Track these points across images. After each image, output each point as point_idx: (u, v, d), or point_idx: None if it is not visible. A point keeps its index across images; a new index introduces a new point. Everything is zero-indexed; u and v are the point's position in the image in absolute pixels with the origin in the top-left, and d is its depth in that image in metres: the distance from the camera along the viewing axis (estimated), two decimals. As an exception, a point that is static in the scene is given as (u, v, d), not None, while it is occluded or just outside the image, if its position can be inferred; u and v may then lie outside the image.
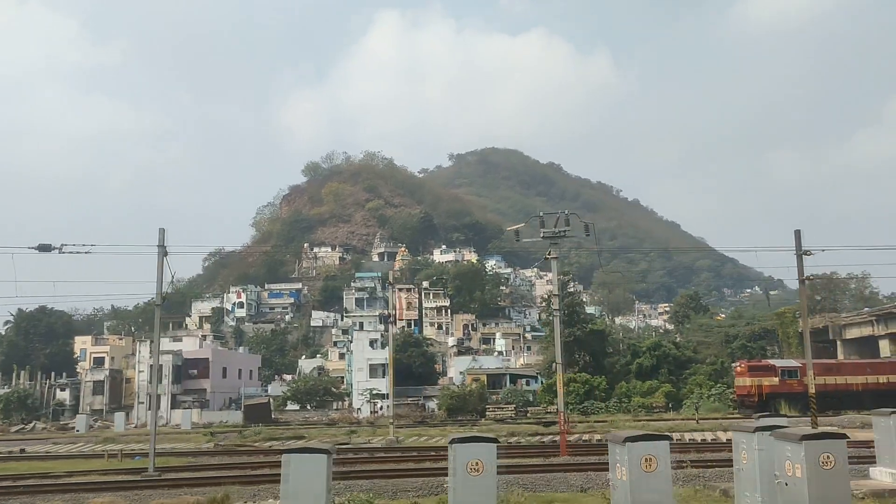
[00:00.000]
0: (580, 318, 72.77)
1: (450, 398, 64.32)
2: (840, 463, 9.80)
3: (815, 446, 9.77)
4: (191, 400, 68.10)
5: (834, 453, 9.78)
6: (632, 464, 9.87)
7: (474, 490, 9.73)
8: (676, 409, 61.86)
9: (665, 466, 9.86)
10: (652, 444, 9.95)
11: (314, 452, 9.71)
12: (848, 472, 10.07)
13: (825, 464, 9.71)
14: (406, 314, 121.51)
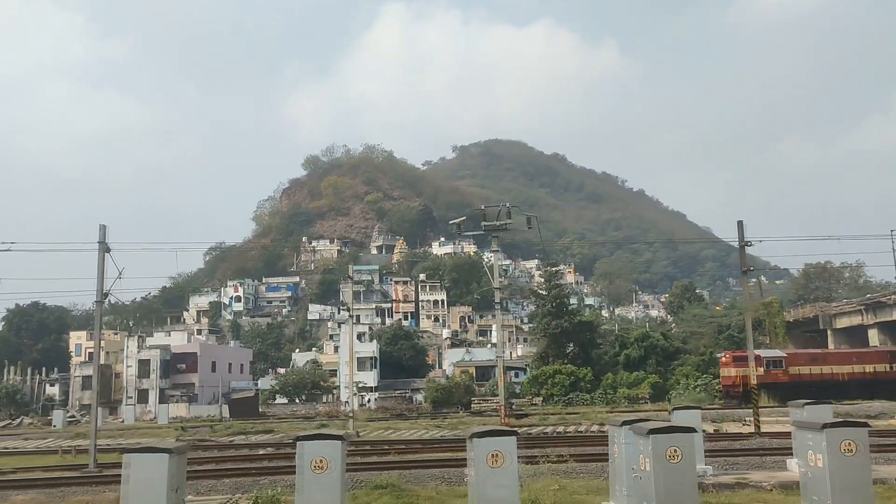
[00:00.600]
0: (567, 309, 72.61)
1: (435, 391, 64.37)
2: (687, 456, 9.68)
3: (661, 440, 9.66)
4: (179, 394, 68.39)
5: (681, 447, 9.66)
6: (478, 460, 9.81)
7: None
8: (662, 399, 61.78)
9: (511, 462, 9.77)
10: (498, 439, 9.87)
11: (156, 452, 9.62)
12: (695, 465, 9.97)
13: (672, 457, 9.60)
14: (402, 307, 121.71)
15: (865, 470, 10.17)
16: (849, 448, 9.93)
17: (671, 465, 9.60)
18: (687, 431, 9.91)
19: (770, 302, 69.90)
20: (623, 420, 11.23)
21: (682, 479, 9.63)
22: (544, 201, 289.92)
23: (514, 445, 9.89)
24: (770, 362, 58.15)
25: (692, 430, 10.12)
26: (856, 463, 9.92)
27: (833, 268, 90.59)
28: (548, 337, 72.58)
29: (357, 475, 18.34)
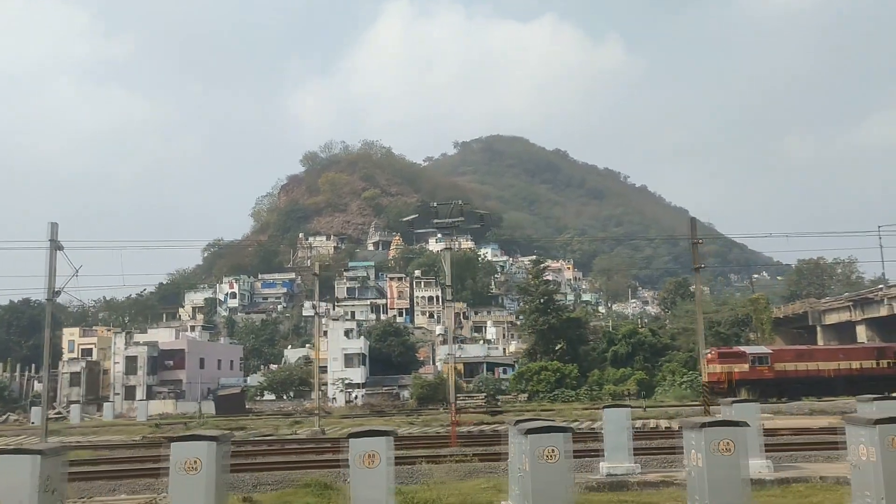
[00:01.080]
0: (555, 305, 72.53)
1: (420, 387, 64.45)
2: (562, 455, 9.63)
3: (537, 440, 9.62)
4: (166, 391, 68.51)
5: (557, 446, 9.61)
6: (353, 461, 9.75)
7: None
8: (649, 396, 61.72)
9: (385, 462, 9.69)
10: (373, 439, 9.78)
11: (25, 454, 9.48)
12: (571, 464, 9.91)
13: (548, 457, 9.55)
14: (398, 303, 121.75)
15: (741, 469, 10.07)
16: (726, 447, 9.83)
17: (547, 464, 9.55)
18: (562, 431, 9.83)
19: (757, 298, 69.75)
20: (517, 420, 11.17)
21: (557, 478, 9.57)
22: (545, 197, 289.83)
23: (389, 445, 9.79)
24: (755, 358, 57.98)
25: (569, 429, 10.04)
26: (731, 462, 9.82)
27: (826, 264, 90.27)
28: (536, 333, 72.62)
29: (278, 474, 18.38)
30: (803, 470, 16.41)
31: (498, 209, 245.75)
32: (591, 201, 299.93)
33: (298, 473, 18.48)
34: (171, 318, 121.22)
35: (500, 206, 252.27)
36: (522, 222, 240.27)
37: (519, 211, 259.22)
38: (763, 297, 71.75)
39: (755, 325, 67.77)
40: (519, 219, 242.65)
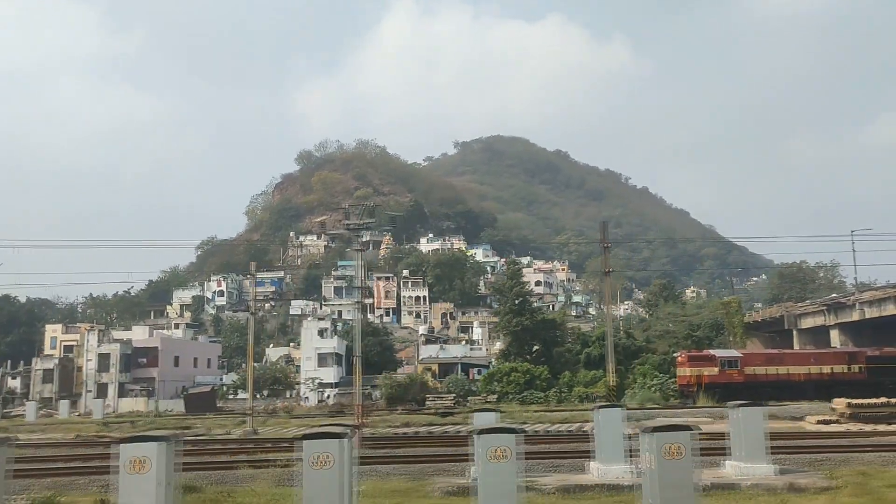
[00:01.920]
0: (530, 307, 72.45)
1: (389, 387, 64.38)
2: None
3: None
4: (138, 389, 68.64)
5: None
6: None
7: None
8: (619, 398, 61.53)
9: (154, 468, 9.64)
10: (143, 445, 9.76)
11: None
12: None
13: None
14: (385, 302, 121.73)
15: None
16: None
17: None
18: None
19: (729, 302, 69.54)
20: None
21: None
22: (544, 198, 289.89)
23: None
24: (725, 362, 57.86)
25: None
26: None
27: (808, 268, 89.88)
28: (510, 334, 72.60)
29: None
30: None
31: (495, 209, 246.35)
32: (590, 202, 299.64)
33: (217, 474, 18.36)
34: (158, 316, 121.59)
35: (497, 207, 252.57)
36: (520, 223, 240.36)
37: (517, 211, 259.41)
38: (735, 300, 71.55)
39: (727, 329, 67.55)
40: (516, 219, 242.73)
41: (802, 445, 21.45)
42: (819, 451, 19.74)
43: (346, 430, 10.44)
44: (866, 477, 15.57)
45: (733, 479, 15.57)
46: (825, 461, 18.28)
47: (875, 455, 18.85)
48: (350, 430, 12.40)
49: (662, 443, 10.11)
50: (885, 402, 31.91)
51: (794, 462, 18.32)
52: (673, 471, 10.05)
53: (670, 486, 10.03)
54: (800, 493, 14.40)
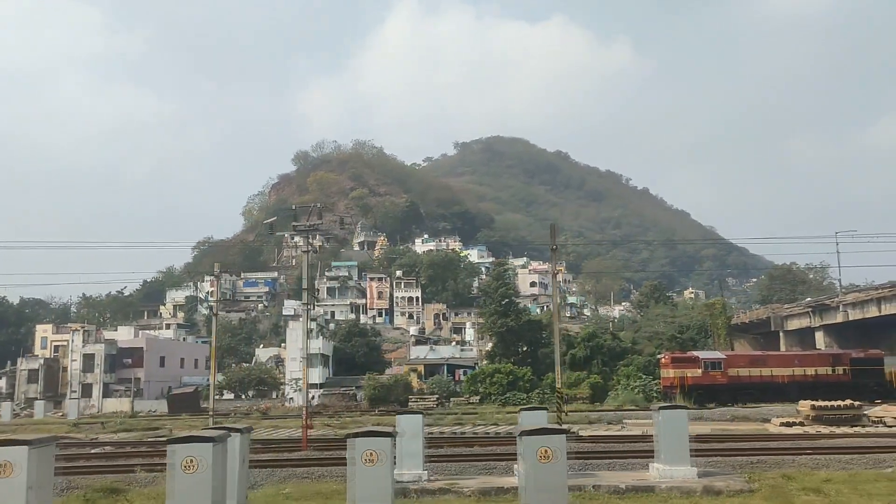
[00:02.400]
0: (515, 308, 72.38)
1: (372, 388, 64.35)
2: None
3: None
4: (123, 389, 68.71)
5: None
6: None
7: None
8: (602, 400, 61.57)
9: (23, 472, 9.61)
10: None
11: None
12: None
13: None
14: (377, 303, 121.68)
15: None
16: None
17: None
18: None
19: (713, 303, 69.40)
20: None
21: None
22: (543, 199, 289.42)
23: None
24: (709, 364, 57.87)
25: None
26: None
27: (798, 269, 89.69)
28: (496, 335, 72.60)
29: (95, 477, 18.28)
30: (591, 478, 16.24)
31: (494, 210, 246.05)
32: (589, 203, 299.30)
33: (114, 477, 18.37)
34: (152, 316, 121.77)
35: (496, 207, 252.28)
36: (518, 224, 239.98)
37: (516, 212, 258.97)
38: (719, 302, 71.41)
39: (711, 331, 67.42)
40: (514, 220, 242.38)
41: (745, 448, 21.41)
42: (760, 454, 19.69)
43: (222, 434, 10.43)
44: (788, 480, 15.51)
45: (653, 481, 15.54)
46: (759, 464, 18.24)
47: (811, 458, 18.80)
48: (242, 431, 12.41)
49: (536, 446, 10.10)
50: (848, 404, 31.80)
51: (729, 465, 18.29)
52: (546, 474, 10.04)
53: (544, 490, 10.01)
54: (714, 496, 14.36)
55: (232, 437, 11.20)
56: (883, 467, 17.39)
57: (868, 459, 18.42)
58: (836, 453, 19.47)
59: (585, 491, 15.09)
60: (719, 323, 66.55)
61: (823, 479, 15.47)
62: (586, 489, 15.19)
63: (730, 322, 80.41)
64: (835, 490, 14.26)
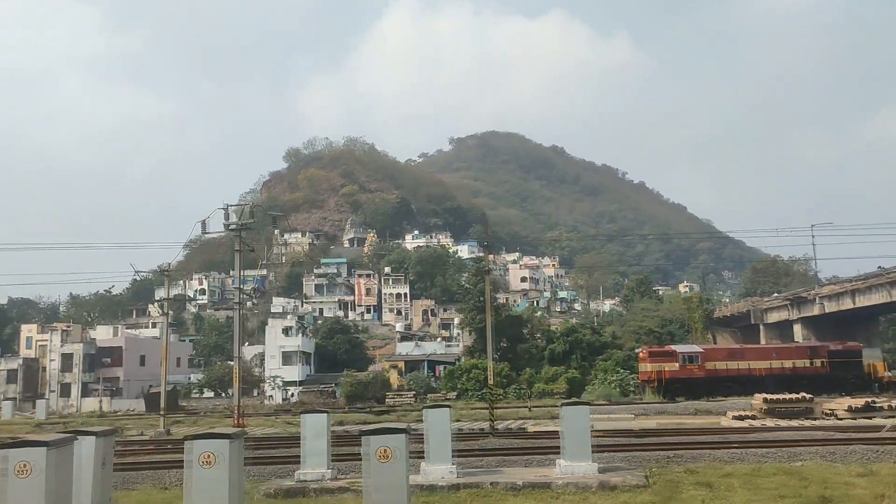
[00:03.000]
0: (495, 304, 72.17)
1: (349, 385, 64.38)
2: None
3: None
4: (101, 388, 68.68)
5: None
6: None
7: None
8: (579, 394, 61.62)
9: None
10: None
11: None
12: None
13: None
14: (366, 300, 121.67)
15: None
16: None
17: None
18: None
19: (690, 297, 69.30)
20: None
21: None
22: (538, 194, 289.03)
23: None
24: (686, 357, 57.96)
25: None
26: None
27: (782, 262, 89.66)
28: (476, 331, 72.57)
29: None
30: (495, 475, 16.16)
31: (488, 205, 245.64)
32: (585, 198, 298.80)
33: None
34: (141, 315, 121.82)
35: (490, 203, 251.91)
36: (512, 219, 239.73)
37: (510, 207, 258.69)
38: (696, 295, 71.36)
39: (689, 325, 67.34)
40: (508, 215, 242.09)
41: (671, 442, 21.31)
42: (679, 449, 19.62)
43: (64, 438, 10.33)
44: (690, 474, 15.44)
45: (554, 477, 15.48)
46: (675, 458, 18.15)
47: (728, 452, 18.69)
48: (100, 434, 12.31)
49: (376, 446, 10.01)
50: (800, 397, 31.74)
51: (642, 460, 18.21)
52: (385, 473, 9.94)
53: (383, 489, 9.92)
54: (608, 491, 14.31)
55: (82, 440, 11.09)
56: (795, 461, 17.33)
57: (784, 453, 18.34)
58: (754, 447, 19.41)
59: (482, 488, 15.00)
60: (696, 317, 66.44)
61: (724, 474, 15.39)
62: (483, 486, 15.10)
63: (711, 316, 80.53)
64: (726, 484, 14.21)
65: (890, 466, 16.29)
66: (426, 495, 14.68)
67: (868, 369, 61.41)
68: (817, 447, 19.12)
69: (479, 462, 18.23)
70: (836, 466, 16.58)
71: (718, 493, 13.49)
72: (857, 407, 30.40)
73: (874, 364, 63.88)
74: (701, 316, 67.08)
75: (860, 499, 12.81)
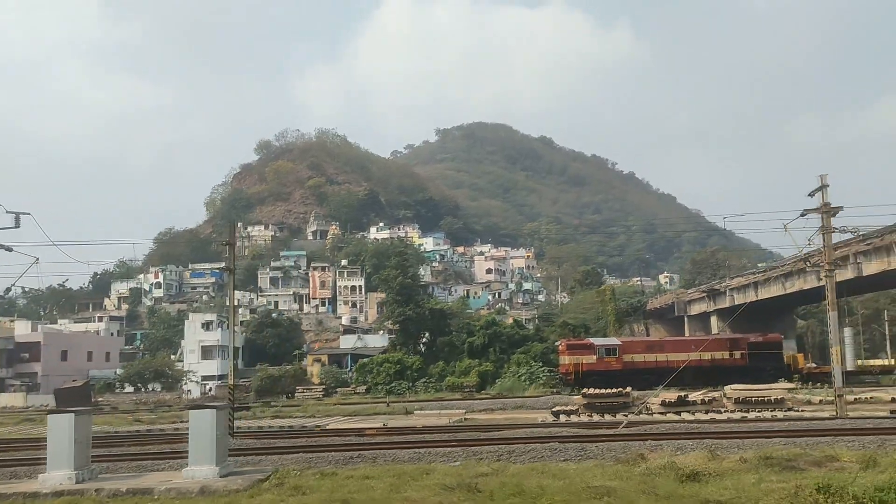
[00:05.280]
0: (416, 297, 71.86)
1: (259, 380, 64.14)
2: None
3: None
4: (18, 384, 68.54)
5: None
6: None
7: None
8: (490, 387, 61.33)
9: None
10: None
11: None
12: None
13: None
14: (320, 293, 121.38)
15: None
16: None
17: None
18: None
19: (603, 290, 68.77)
20: None
21: None
22: (522, 185, 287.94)
23: None
24: (604, 350, 57.91)
25: None
26: None
27: (723, 253, 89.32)
28: (397, 324, 72.24)
29: None
30: (125, 481, 15.73)
31: (469, 197, 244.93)
32: (570, 188, 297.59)
33: None
34: (97, 308, 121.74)
35: (471, 194, 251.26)
36: (492, 210, 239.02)
37: (493, 198, 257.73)
38: (608, 288, 70.78)
39: (602, 316, 66.90)
40: (489, 206, 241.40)
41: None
42: (363, 449, 19.17)
43: None
44: (323, 478, 15.07)
45: (166, 483, 15.08)
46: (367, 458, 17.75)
47: (494, 448, 18.14)
48: None
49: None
50: (617, 391, 31.29)
51: (319, 461, 17.83)
52: None
53: None
54: (206, 496, 13.89)
55: None
56: (506, 461, 16.90)
57: (503, 451, 17.80)
58: (473, 445, 18.88)
59: (86, 496, 14.59)
60: (609, 310, 65.95)
61: (362, 476, 15.06)
62: (88, 493, 14.69)
63: (644, 307, 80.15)
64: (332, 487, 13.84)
65: (576, 465, 15.88)
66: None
67: (789, 360, 61.16)
68: (535, 444, 18.60)
69: (134, 466, 17.87)
70: (512, 466, 16.12)
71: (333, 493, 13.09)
72: (671, 401, 29.96)
73: (795, 355, 63.62)
74: (613, 309, 66.60)
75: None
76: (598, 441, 18.88)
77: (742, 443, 17.64)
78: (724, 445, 17.37)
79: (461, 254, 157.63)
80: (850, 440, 17.60)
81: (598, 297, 67.84)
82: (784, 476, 13.71)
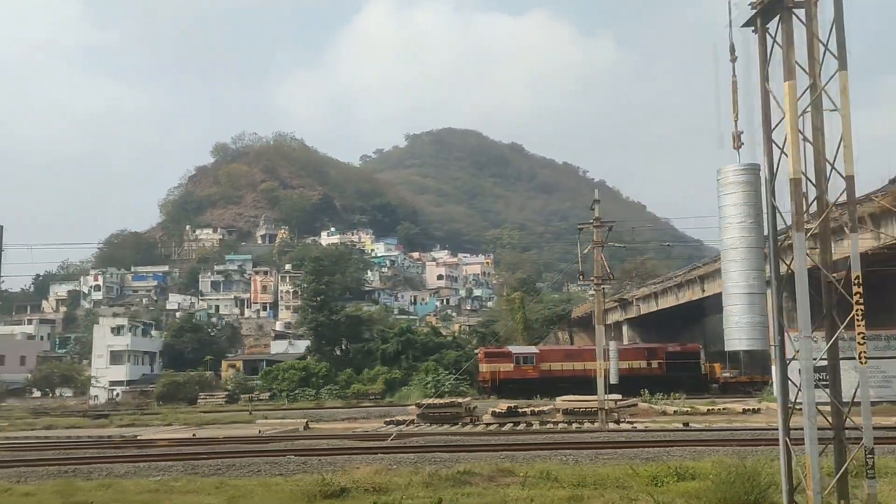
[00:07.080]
0: (330, 304, 71.06)
1: (162, 385, 63.16)
2: None
3: None
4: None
5: None
6: None
7: None
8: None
9: None
10: None
11: None
12: None
13: None
14: (262, 297, 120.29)
15: None
16: None
17: None
18: None
19: (514, 297, 68.42)
20: None
21: None
22: (490, 191, 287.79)
23: None
24: (521, 358, 57.87)
25: None
26: None
27: (648, 261, 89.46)
28: (312, 331, 71.59)
29: None
30: None
31: (434, 202, 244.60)
32: (538, 195, 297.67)
33: None
34: (35, 311, 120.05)
35: (436, 200, 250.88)
36: (456, 216, 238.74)
37: (458, 204, 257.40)
38: (518, 296, 70.39)
39: (513, 325, 66.52)
40: (453, 212, 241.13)
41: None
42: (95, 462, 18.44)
43: None
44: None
45: None
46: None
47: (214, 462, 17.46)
48: None
49: None
50: (451, 402, 30.71)
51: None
52: None
53: None
54: None
55: None
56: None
57: (222, 464, 17.15)
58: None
59: None
60: (518, 318, 65.56)
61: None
62: None
63: (569, 315, 79.87)
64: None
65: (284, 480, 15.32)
66: None
67: (706, 370, 60.98)
68: (256, 458, 17.97)
69: None
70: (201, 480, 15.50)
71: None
72: (501, 412, 29.41)
73: (713, 365, 63.35)
74: (522, 317, 66.21)
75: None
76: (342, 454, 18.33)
77: (459, 456, 17.04)
78: (443, 459, 16.81)
79: (414, 259, 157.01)
80: (568, 453, 17.08)
81: (507, 306, 67.43)
82: (447, 492, 13.35)
